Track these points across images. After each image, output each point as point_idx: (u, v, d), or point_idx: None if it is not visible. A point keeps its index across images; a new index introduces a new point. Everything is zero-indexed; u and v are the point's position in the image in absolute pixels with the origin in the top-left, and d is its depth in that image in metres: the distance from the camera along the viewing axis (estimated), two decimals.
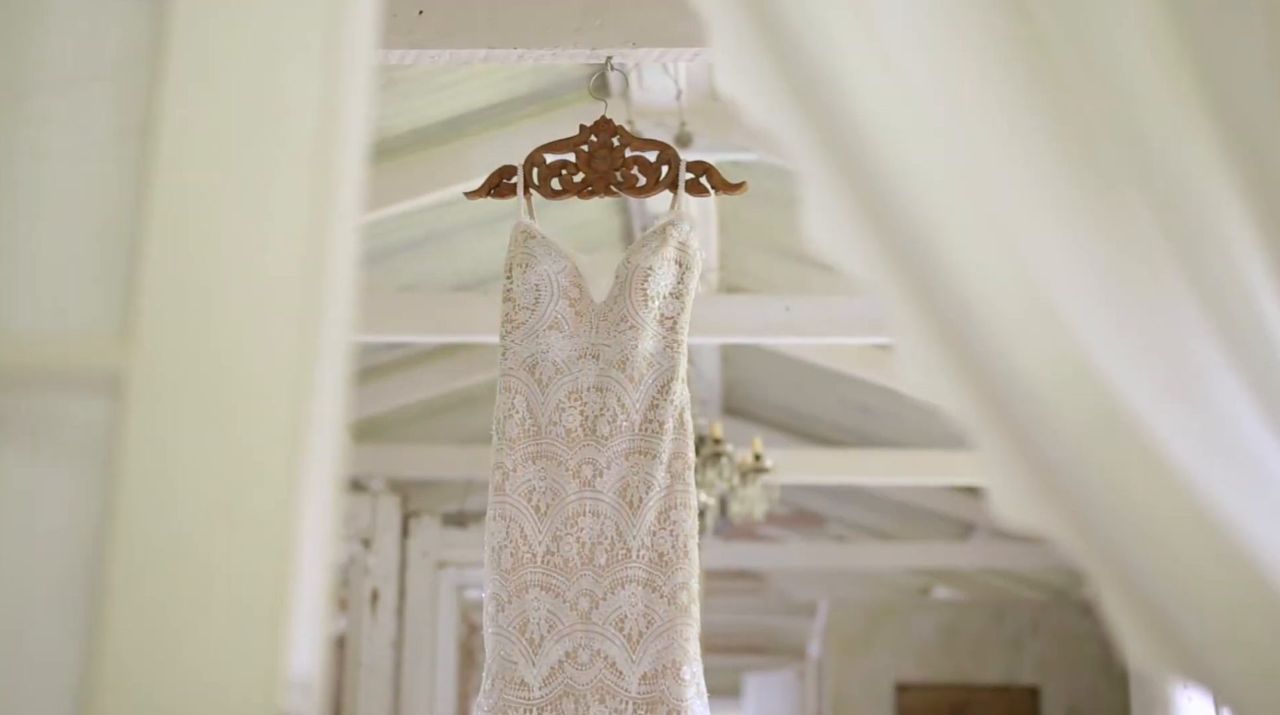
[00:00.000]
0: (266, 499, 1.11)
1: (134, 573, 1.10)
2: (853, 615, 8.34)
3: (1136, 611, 1.29)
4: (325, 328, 1.17)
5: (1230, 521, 1.31)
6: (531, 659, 2.78)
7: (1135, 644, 1.29)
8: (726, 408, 7.55)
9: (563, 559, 2.82)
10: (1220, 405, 1.37)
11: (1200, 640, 1.27)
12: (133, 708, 1.07)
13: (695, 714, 2.72)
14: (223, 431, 1.12)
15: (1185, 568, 1.28)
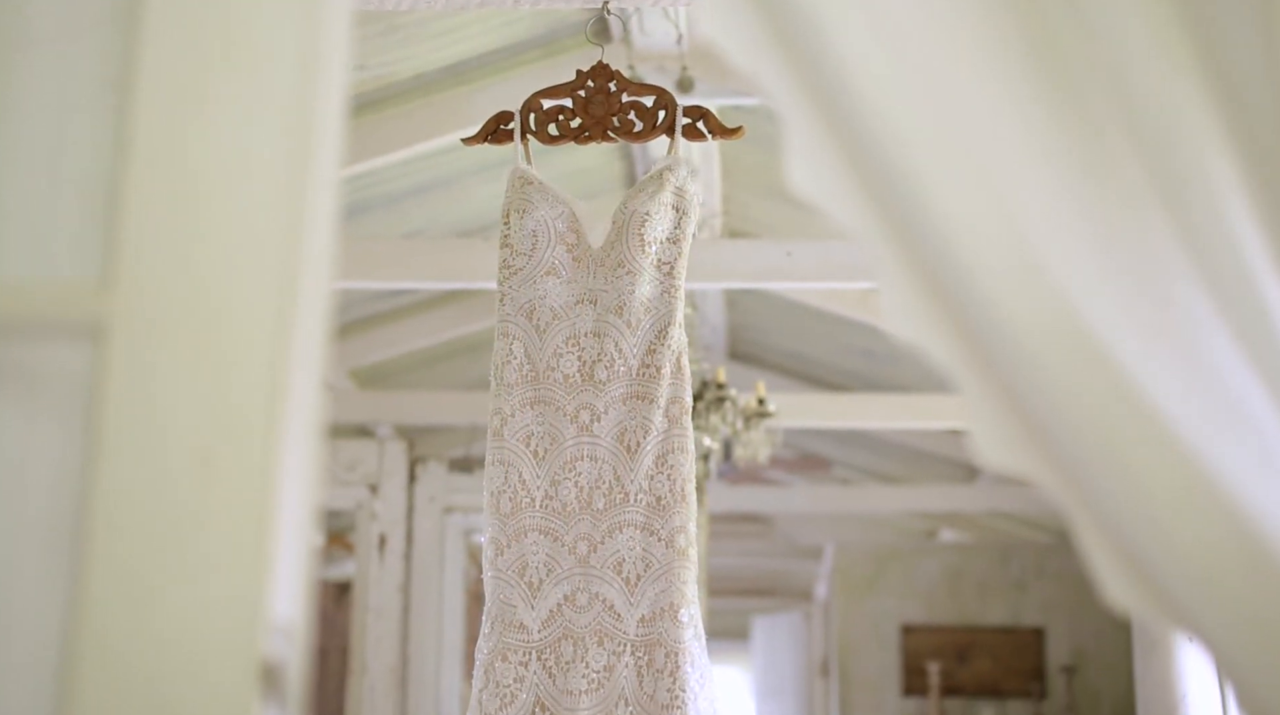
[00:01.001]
0: (246, 445, 1.12)
1: (115, 519, 1.11)
2: (858, 558, 8.38)
3: (1115, 553, 1.30)
4: (305, 276, 1.17)
5: (1211, 466, 1.31)
6: (530, 602, 2.80)
7: (1113, 584, 1.29)
8: (731, 352, 7.56)
9: (561, 503, 2.83)
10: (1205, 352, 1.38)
11: (1177, 582, 1.28)
12: (115, 652, 1.08)
13: (693, 655, 2.74)
14: (202, 379, 1.13)
15: (1164, 511, 1.29)
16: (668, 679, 2.71)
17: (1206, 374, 1.37)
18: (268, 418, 1.13)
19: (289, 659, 1.11)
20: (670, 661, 2.72)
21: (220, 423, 1.13)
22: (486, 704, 2.75)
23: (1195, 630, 1.28)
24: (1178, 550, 1.28)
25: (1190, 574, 1.28)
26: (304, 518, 1.16)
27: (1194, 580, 1.27)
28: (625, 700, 2.71)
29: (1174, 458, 1.30)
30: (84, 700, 1.07)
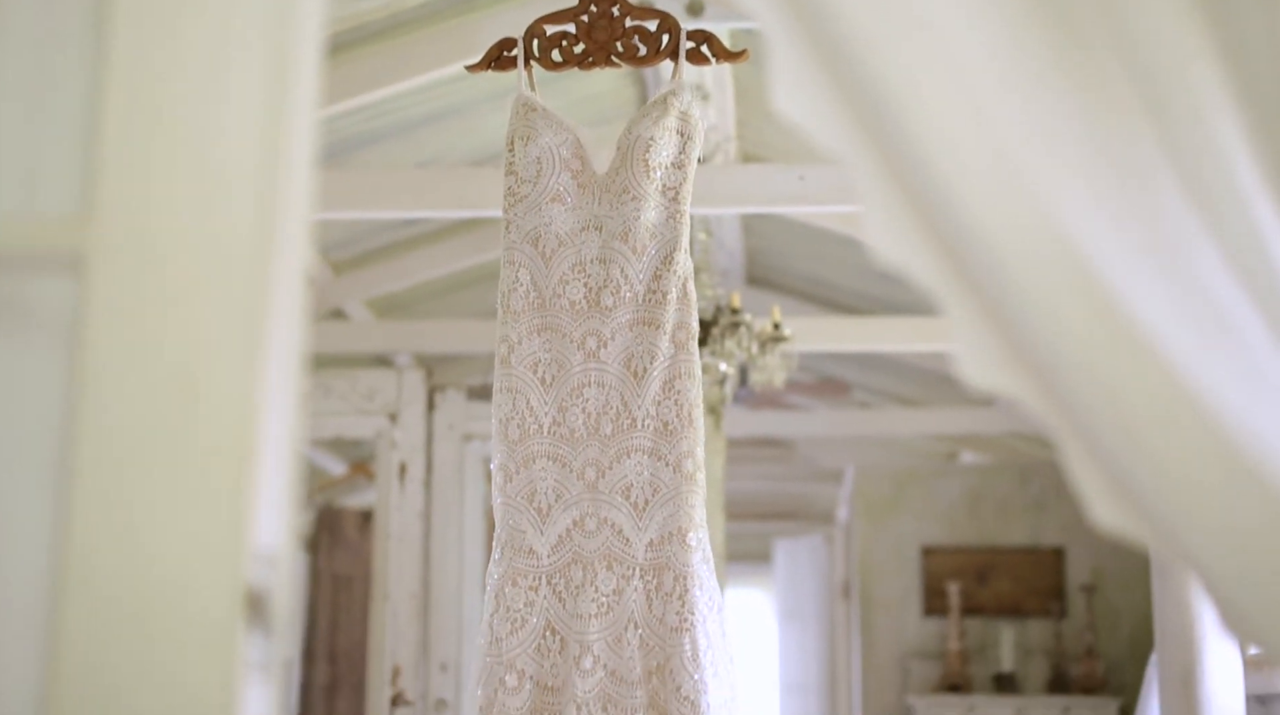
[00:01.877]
0: (227, 374, 1.13)
1: (99, 450, 1.12)
2: (879, 481, 8.40)
3: (1100, 472, 1.30)
4: (283, 205, 1.18)
5: (1196, 383, 1.31)
6: (540, 527, 2.82)
7: (1099, 504, 1.30)
8: (749, 278, 7.54)
9: (569, 429, 2.85)
10: (1193, 269, 1.37)
11: (1161, 500, 1.28)
12: (101, 580, 1.10)
13: (701, 579, 2.77)
14: (183, 310, 1.14)
15: (1148, 428, 1.29)
16: (676, 602, 2.73)
17: (1194, 291, 1.36)
18: (248, 347, 1.14)
19: (273, 587, 1.12)
20: (679, 585, 2.74)
21: (201, 352, 1.13)
22: (497, 628, 2.78)
23: (1179, 548, 1.29)
24: (1162, 468, 1.28)
25: (1174, 491, 1.28)
26: (287, 446, 1.17)
27: (1178, 498, 1.28)
28: (634, 623, 2.74)
29: (1159, 375, 1.30)
30: (70, 628, 1.09)
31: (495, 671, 2.75)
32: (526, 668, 2.75)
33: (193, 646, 1.08)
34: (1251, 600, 1.26)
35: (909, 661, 8.06)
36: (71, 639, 1.09)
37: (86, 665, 1.08)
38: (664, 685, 2.69)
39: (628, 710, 2.68)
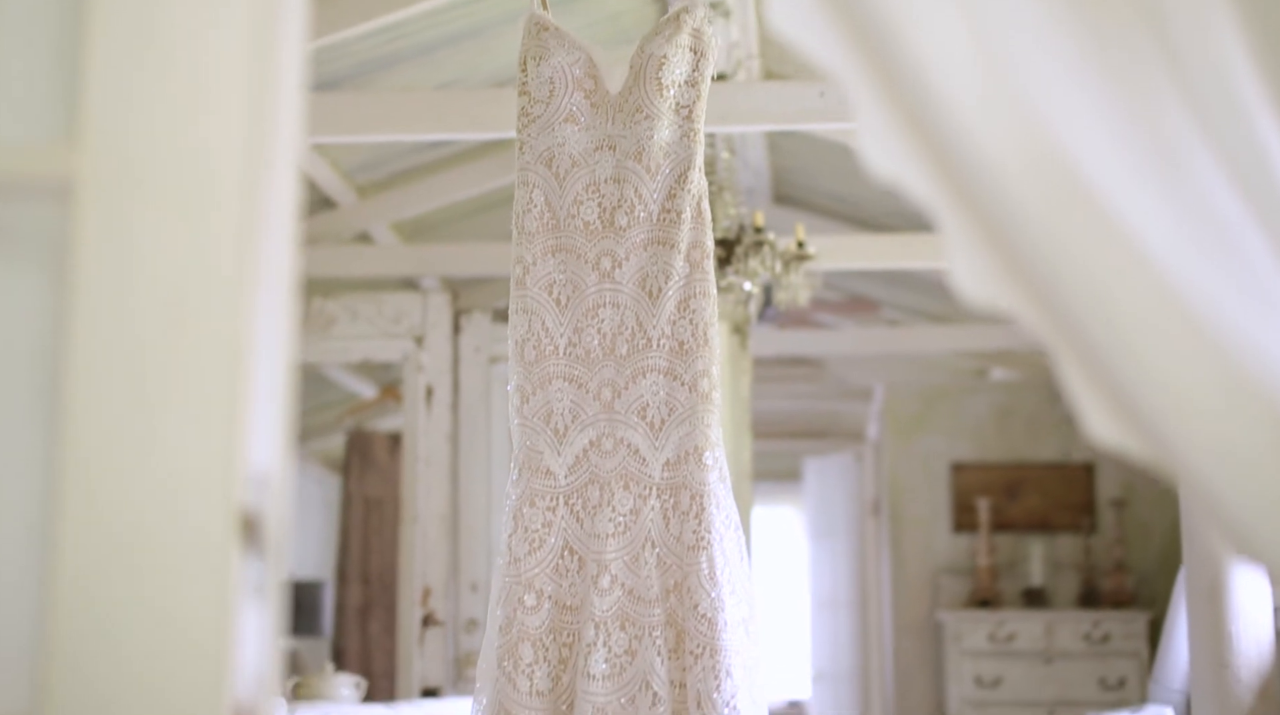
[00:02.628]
0: (216, 297, 1.13)
1: (91, 372, 1.13)
2: (908, 398, 8.39)
3: (1097, 387, 1.29)
4: (271, 129, 1.17)
5: (1195, 297, 1.30)
6: (557, 448, 2.83)
7: (1096, 419, 1.29)
8: (776, 196, 7.50)
9: (584, 350, 2.85)
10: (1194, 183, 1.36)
11: (1158, 414, 1.27)
12: (96, 502, 1.11)
13: (718, 497, 2.77)
14: (171, 233, 1.14)
15: (1145, 342, 1.28)
16: (693, 521, 2.74)
17: (1195, 206, 1.35)
18: (237, 269, 1.14)
19: (268, 509, 1.13)
20: (695, 504, 2.75)
21: (190, 275, 1.14)
22: (515, 548, 2.80)
23: (1176, 463, 1.28)
24: (1160, 383, 1.27)
25: (1172, 407, 1.27)
26: (280, 369, 1.17)
27: (1176, 413, 1.27)
28: (652, 542, 2.75)
29: (1158, 291, 1.29)
30: (65, 552, 1.10)
31: (514, 591, 2.77)
32: (545, 587, 2.77)
33: (187, 570, 1.10)
34: (1248, 515, 1.25)
35: (939, 577, 8.09)
36: (67, 563, 1.10)
37: (82, 590, 1.09)
38: (681, 603, 2.70)
39: (645, 628, 2.70)
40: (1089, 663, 7.49)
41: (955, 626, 7.66)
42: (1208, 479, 1.27)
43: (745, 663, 2.69)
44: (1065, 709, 7.45)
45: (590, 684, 2.66)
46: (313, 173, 5.77)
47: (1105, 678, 7.46)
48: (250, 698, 1.09)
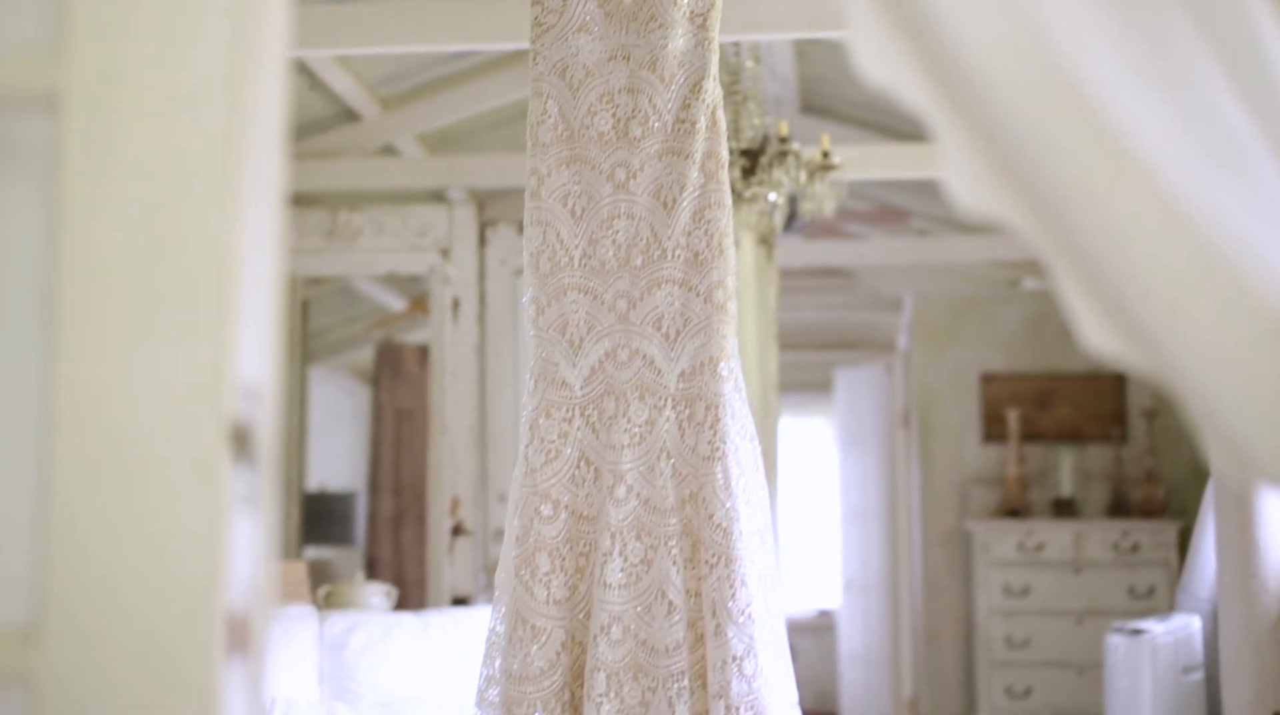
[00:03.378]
0: (204, 209, 1.14)
1: (82, 286, 1.13)
2: (938, 309, 8.36)
3: (1092, 295, 1.29)
4: (258, 39, 1.17)
5: (1194, 204, 1.29)
6: (572, 360, 2.84)
7: (1090, 327, 1.29)
8: (803, 106, 7.44)
9: (599, 262, 2.85)
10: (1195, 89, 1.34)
11: (1152, 321, 1.26)
12: (87, 413, 1.12)
13: (733, 408, 2.78)
14: (157, 145, 1.14)
15: (1141, 250, 1.27)
16: (708, 431, 2.75)
17: (1195, 109, 1.33)
18: (226, 181, 1.14)
19: (258, 420, 1.14)
20: (710, 414, 2.76)
21: (177, 187, 1.14)
22: (532, 459, 2.81)
23: (1169, 370, 1.28)
24: (1155, 291, 1.26)
25: (1167, 315, 1.26)
26: (270, 281, 1.18)
27: (1170, 321, 1.26)
28: (667, 453, 2.76)
29: (1154, 196, 1.27)
30: (59, 464, 1.11)
31: (531, 501, 2.79)
32: (561, 497, 2.79)
33: (179, 481, 1.11)
34: (1239, 422, 1.25)
35: (968, 487, 8.10)
36: (61, 474, 1.11)
37: (76, 501, 1.11)
38: (697, 513, 2.72)
39: (661, 538, 2.72)
40: (1118, 572, 7.51)
41: (984, 536, 7.68)
42: (1204, 389, 1.27)
43: (760, 571, 2.70)
44: (1093, 617, 7.48)
45: (606, 593, 2.69)
46: (336, 85, 5.75)
47: (1134, 587, 7.48)
48: (243, 607, 1.11)
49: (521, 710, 2.68)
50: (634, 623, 2.68)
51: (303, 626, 4.82)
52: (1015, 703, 7.52)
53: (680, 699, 2.63)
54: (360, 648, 4.85)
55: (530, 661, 2.70)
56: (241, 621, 1.10)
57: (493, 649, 2.79)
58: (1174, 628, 5.95)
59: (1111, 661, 6.21)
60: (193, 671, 1.07)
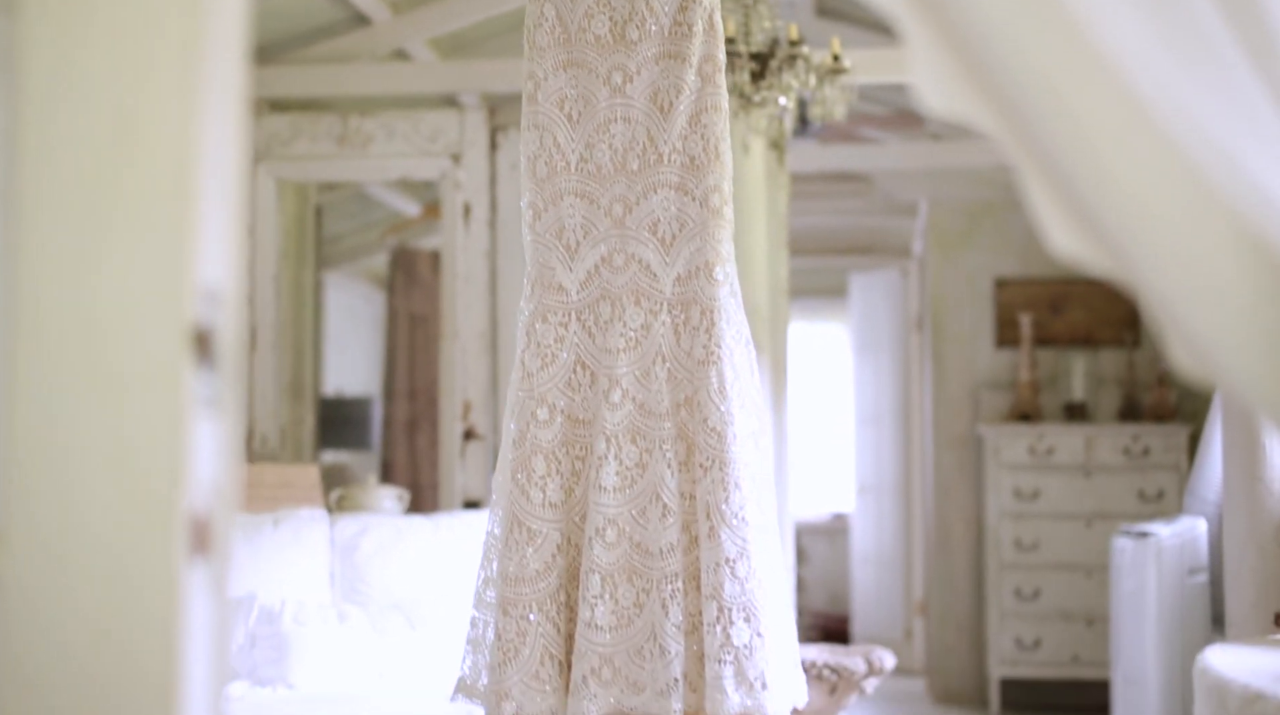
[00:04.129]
0: (163, 112, 1.14)
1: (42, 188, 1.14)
2: (952, 214, 8.32)
3: (1058, 198, 1.28)
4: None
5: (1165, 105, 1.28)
6: (568, 264, 2.84)
7: (1057, 231, 1.28)
8: (819, 9, 7.36)
9: (596, 166, 2.84)
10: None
11: (1118, 223, 1.26)
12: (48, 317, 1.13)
13: (728, 312, 2.78)
14: (115, 46, 1.14)
15: (1109, 150, 1.26)
16: (703, 336, 2.76)
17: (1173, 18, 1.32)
18: (185, 83, 1.14)
19: (219, 324, 1.15)
20: (706, 318, 2.76)
21: (136, 88, 1.14)
22: (528, 363, 2.83)
23: (1133, 272, 1.28)
24: (1121, 194, 1.26)
25: (1133, 215, 1.26)
26: (231, 184, 1.18)
27: (1136, 224, 1.26)
28: (662, 357, 2.77)
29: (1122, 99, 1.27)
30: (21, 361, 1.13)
31: (527, 405, 2.80)
32: (557, 401, 2.80)
33: (141, 384, 1.12)
34: (1207, 329, 1.25)
35: (980, 392, 8.11)
36: (21, 378, 1.13)
37: (38, 403, 1.12)
38: (692, 417, 2.73)
39: (656, 442, 2.73)
40: (1128, 475, 7.54)
41: (995, 440, 7.70)
42: (1167, 290, 1.27)
43: (754, 475, 2.72)
44: (1102, 520, 7.52)
45: (601, 496, 2.71)
46: None
47: (1144, 490, 7.51)
48: (205, 508, 1.12)
49: (517, 611, 2.72)
50: (629, 525, 2.71)
51: (314, 530, 4.88)
52: (1024, 604, 7.58)
53: (674, 600, 2.66)
54: (371, 550, 4.91)
55: (526, 564, 2.73)
56: (204, 522, 1.12)
57: (490, 551, 2.82)
58: (1180, 530, 5.98)
59: (1118, 564, 6.25)
60: (155, 572, 1.09)
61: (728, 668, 2.61)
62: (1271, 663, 2.41)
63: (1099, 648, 7.40)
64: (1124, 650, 6.16)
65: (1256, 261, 1.23)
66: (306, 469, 5.90)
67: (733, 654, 2.61)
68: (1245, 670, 2.29)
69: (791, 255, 8.82)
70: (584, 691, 2.65)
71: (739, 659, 2.62)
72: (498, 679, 2.70)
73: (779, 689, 2.66)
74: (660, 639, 2.65)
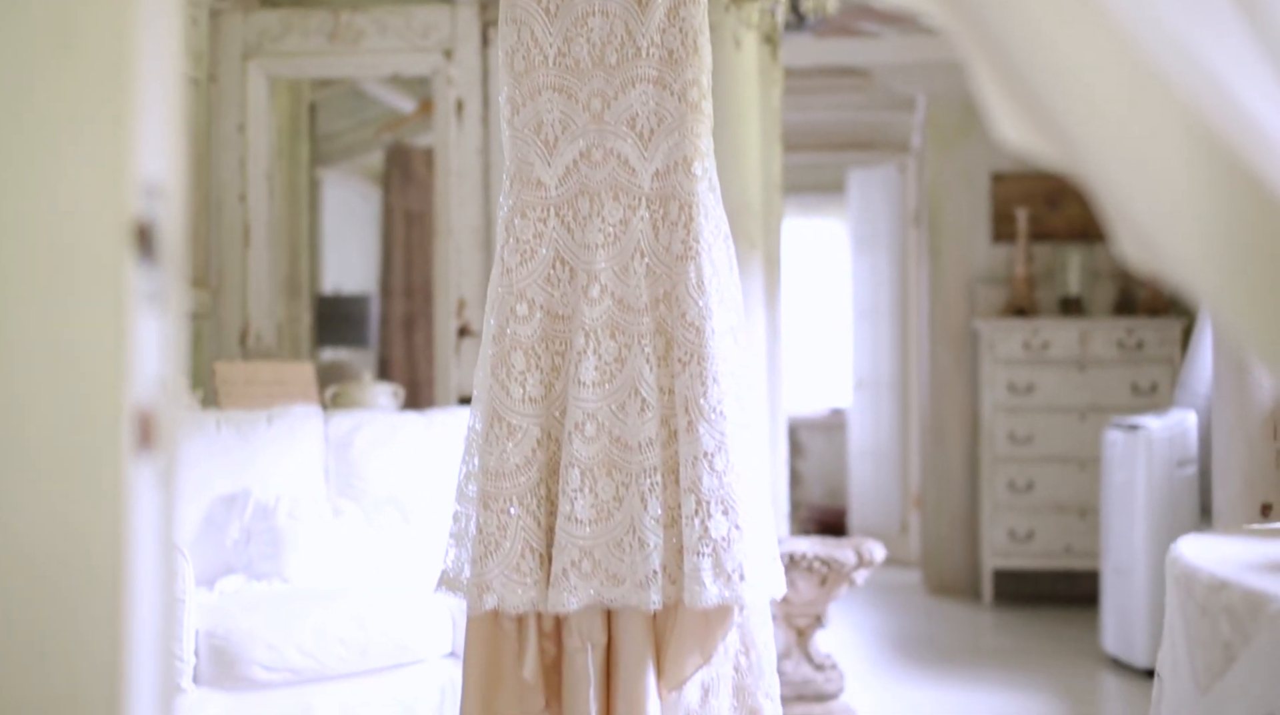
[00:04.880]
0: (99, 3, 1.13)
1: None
2: (950, 108, 8.26)
3: (1007, 88, 1.28)
4: None
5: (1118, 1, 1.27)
6: (547, 159, 2.83)
7: (1005, 120, 1.28)
8: None
9: (574, 60, 2.82)
10: None
11: (1067, 114, 1.26)
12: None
13: (707, 207, 2.78)
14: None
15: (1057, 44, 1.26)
16: (682, 231, 2.75)
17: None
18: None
19: (161, 218, 1.15)
20: (684, 213, 2.76)
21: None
22: (507, 259, 2.83)
23: (1082, 163, 1.27)
24: (1068, 83, 1.25)
25: (1080, 107, 1.25)
26: (170, 79, 1.18)
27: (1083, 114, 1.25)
28: (641, 252, 2.77)
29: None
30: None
31: (506, 301, 2.81)
32: (536, 297, 2.81)
33: (83, 280, 1.13)
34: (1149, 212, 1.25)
35: (976, 287, 8.11)
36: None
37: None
38: (670, 312, 2.74)
39: (634, 337, 2.74)
40: (1122, 369, 7.56)
41: (990, 335, 7.72)
42: (1116, 181, 1.27)
43: (733, 369, 2.73)
44: (1096, 414, 7.55)
45: (581, 391, 2.73)
46: None
47: (1138, 383, 7.53)
48: (150, 402, 1.13)
49: (498, 505, 2.74)
50: (608, 420, 2.72)
51: (308, 426, 4.91)
52: (1017, 496, 7.64)
53: (652, 494, 2.68)
54: (365, 446, 4.94)
55: (506, 458, 2.75)
56: (148, 417, 1.13)
57: (471, 446, 2.84)
58: (1170, 423, 6.01)
59: (1109, 456, 6.29)
60: (101, 468, 1.10)
61: (706, 560, 2.64)
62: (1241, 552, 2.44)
63: (1091, 539, 7.47)
64: (1114, 541, 6.21)
65: (1202, 150, 1.22)
66: (301, 366, 5.93)
67: (711, 546, 2.64)
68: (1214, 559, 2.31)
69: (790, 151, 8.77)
70: (564, 584, 2.68)
71: (717, 551, 2.64)
72: (479, 572, 2.73)
73: (756, 581, 2.69)
74: (639, 532, 2.68)
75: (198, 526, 4.59)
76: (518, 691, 2.77)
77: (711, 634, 2.70)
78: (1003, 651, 6.61)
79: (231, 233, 6.43)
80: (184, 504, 4.58)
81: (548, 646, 2.79)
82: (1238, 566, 2.25)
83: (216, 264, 6.44)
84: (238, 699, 3.93)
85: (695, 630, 2.70)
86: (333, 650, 4.05)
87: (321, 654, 4.02)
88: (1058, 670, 6.15)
